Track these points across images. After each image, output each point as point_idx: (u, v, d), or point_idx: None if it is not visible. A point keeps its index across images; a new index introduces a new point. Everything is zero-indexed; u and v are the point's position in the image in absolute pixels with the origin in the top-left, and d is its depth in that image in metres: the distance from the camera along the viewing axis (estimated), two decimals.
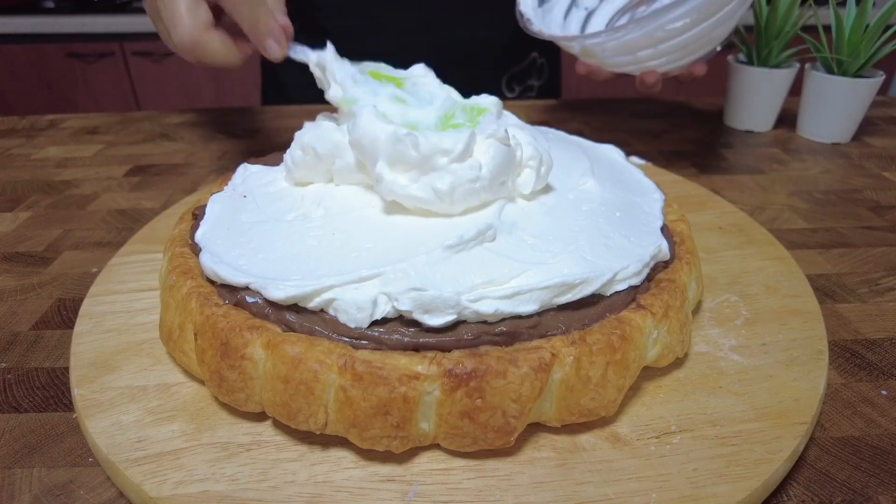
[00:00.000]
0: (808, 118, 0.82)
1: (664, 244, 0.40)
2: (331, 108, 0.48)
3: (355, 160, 0.42)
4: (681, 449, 0.32)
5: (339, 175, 0.43)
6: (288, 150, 0.45)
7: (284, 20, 0.49)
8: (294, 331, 0.34)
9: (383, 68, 0.50)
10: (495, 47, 0.96)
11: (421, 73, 0.50)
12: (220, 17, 0.49)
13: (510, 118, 0.48)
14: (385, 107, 0.43)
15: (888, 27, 0.74)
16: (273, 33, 0.47)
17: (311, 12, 0.91)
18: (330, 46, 0.48)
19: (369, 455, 0.32)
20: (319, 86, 0.50)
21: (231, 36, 0.49)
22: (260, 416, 0.35)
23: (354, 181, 0.43)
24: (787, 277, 0.48)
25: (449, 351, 0.32)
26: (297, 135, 0.44)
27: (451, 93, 0.48)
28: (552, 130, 0.58)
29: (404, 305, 0.32)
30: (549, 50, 1.02)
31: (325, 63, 0.48)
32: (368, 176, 0.41)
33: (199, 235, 0.41)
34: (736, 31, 0.81)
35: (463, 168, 0.38)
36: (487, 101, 0.45)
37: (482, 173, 0.38)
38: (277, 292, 0.34)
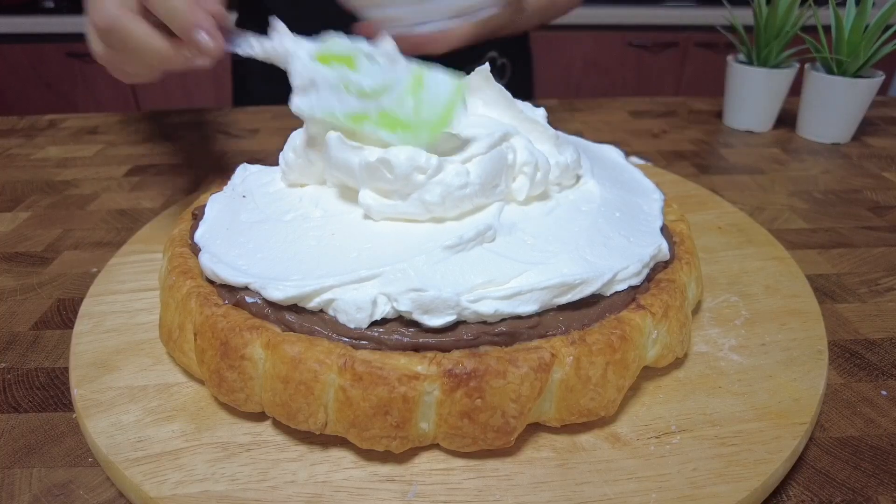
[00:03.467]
0: (807, 118, 0.82)
1: (664, 244, 0.40)
2: None
3: None
4: (680, 449, 0.32)
5: (330, 177, 0.43)
6: (281, 153, 0.44)
7: (215, 6, 0.40)
8: (294, 331, 0.34)
9: (334, 46, 0.42)
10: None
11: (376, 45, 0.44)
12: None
13: (532, 112, 0.46)
14: (350, 105, 0.40)
15: (888, 27, 0.74)
16: (200, 22, 0.38)
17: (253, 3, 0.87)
18: (280, 27, 0.41)
19: (369, 455, 0.32)
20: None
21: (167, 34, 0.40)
22: (260, 416, 0.34)
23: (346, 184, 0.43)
24: (787, 277, 0.48)
25: (449, 351, 0.32)
26: (291, 137, 0.44)
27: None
28: None
29: (404, 306, 0.32)
30: (511, 51, 1.00)
31: (281, 56, 0.41)
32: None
33: (199, 235, 0.41)
34: (736, 32, 0.81)
35: (450, 175, 0.37)
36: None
37: (471, 178, 0.38)
38: (277, 292, 0.34)
